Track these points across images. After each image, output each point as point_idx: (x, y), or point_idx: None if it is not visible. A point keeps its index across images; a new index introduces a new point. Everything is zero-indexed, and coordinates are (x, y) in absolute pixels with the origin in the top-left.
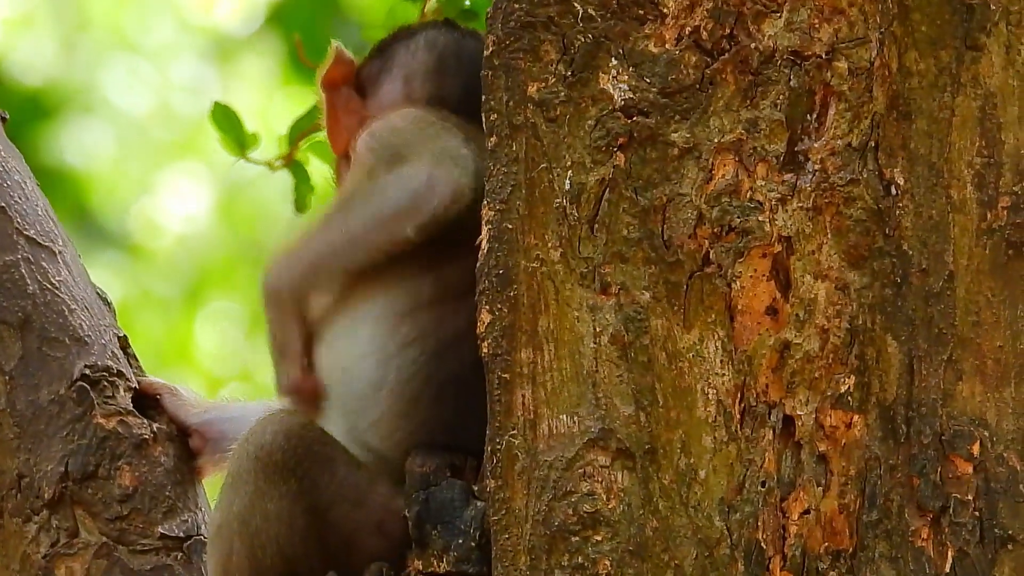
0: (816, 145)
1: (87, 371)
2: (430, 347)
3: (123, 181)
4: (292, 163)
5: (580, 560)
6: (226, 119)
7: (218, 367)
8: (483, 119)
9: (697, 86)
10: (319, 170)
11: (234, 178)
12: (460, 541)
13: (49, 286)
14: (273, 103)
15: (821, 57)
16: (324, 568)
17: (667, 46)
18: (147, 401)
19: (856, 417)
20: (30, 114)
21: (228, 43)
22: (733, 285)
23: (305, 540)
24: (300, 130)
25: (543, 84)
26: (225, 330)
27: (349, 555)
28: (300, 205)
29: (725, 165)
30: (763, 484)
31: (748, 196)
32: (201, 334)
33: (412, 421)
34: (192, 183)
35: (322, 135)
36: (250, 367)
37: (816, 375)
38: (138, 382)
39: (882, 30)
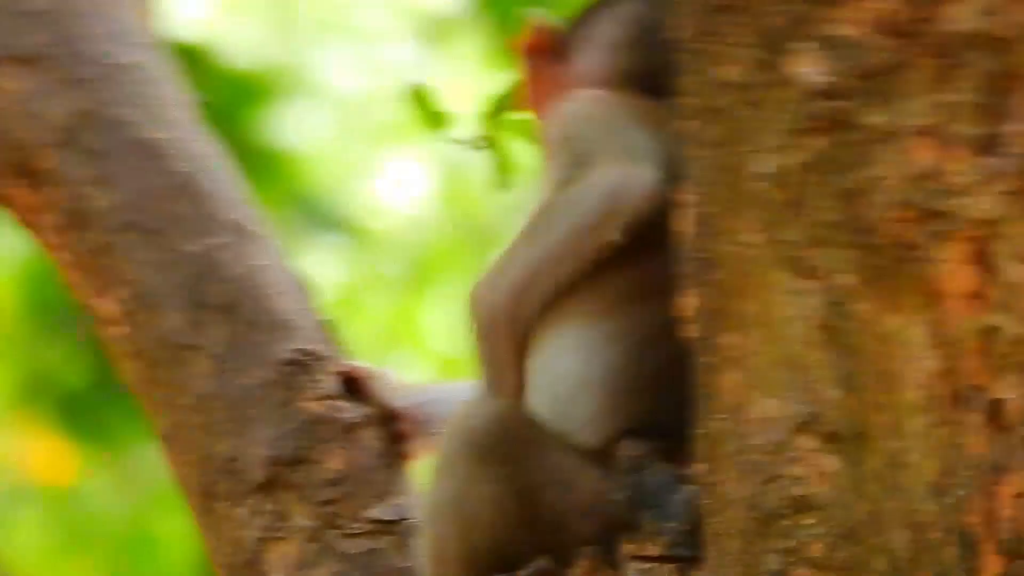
0: (1017, 128)
1: (294, 355)
2: (635, 341)
3: (341, 163)
4: (492, 142)
5: (791, 543)
6: (423, 99)
7: (444, 347)
8: (681, 103)
9: (893, 69)
10: (521, 151)
11: (457, 158)
12: (671, 525)
13: (253, 269)
14: (487, 84)
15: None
16: (533, 551)
17: (863, 28)
18: (354, 385)
19: None
20: (244, 98)
21: (444, 24)
22: (937, 269)
23: (515, 524)
24: (501, 108)
25: (741, 67)
26: (451, 310)
27: (558, 538)
28: (500, 183)
29: (925, 148)
30: (973, 468)
31: (948, 179)
32: (427, 315)
33: (620, 414)
34: (414, 164)
35: (522, 114)
36: None
37: None
38: (344, 367)
39: None
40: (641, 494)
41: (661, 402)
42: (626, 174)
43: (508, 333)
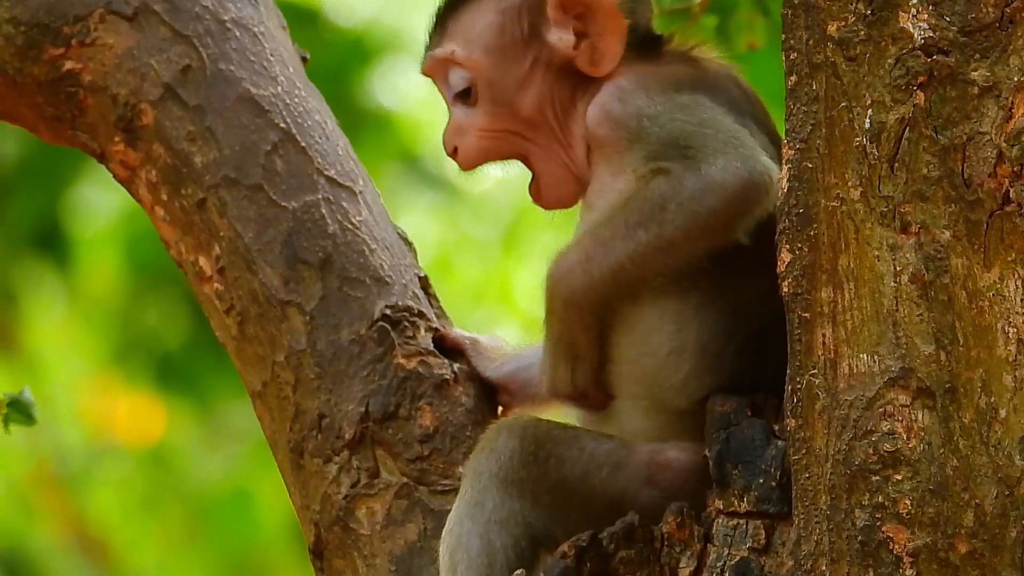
0: None
1: (388, 311)
2: (728, 308)
3: (441, 124)
4: None
5: (880, 499)
6: None
7: (536, 308)
8: (783, 58)
9: (997, 24)
10: None
11: None
12: (761, 480)
13: (350, 226)
14: None
15: None
16: (583, 530)
17: None
18: (446, 343)
19: None
20: (352, 58)
21: None
22: None
23: (552, 513)
24: None
25: (843, 23)
26: (540, 271)
27: (623, 512)
28: None
29: None
30: None
31: None
32: (519, 275)
33: (714, 378)
34: None
35: None
36: None
37: None
38: (439, 336)
39: None
40: (731, 449)
41: (758, 363)
42: (750, 168)
43: (591, 320)
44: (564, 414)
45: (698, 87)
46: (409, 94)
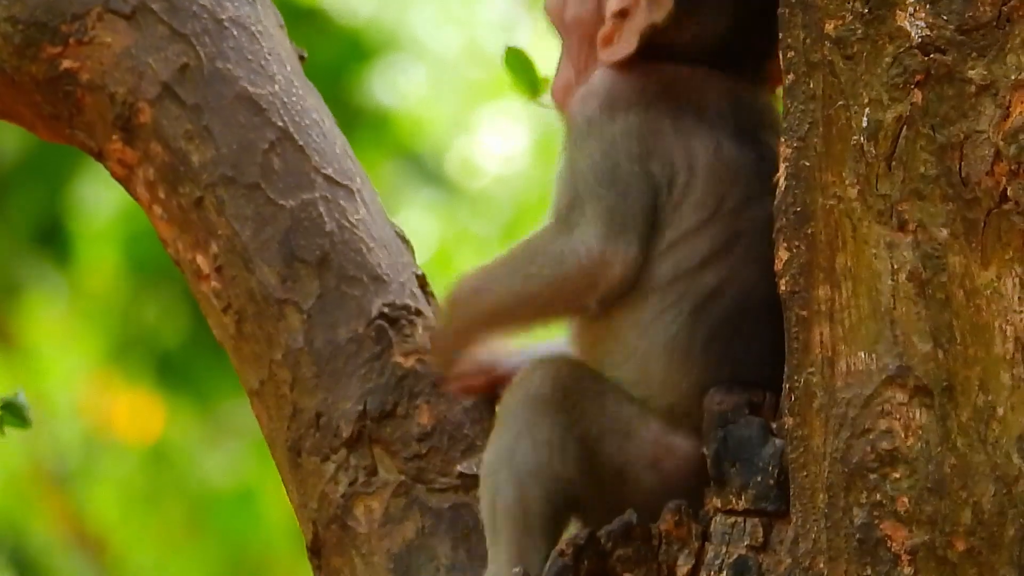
0: None
1: (385, 309)
2: (688, 305)
3: (439, 121)
4: None
5: (878, 497)
6: (518, 63)
7: None
8: (780, 56)
9: (994, 23)
10: None
11: (550, 117)
12: (759, 479)
13: (347, 224)
14: None
15: None
16: (597, 500)
17: None
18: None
19: None
20: (350, 56)
21: None
22: None
23: (577, 467)
24: None
25: (840, 22)
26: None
27: (623, 489)
28: None
29: (1023, 102)
30: None
31: None
32: None
33: (689, 373)
34: (508, 122)
35: None
36: None
37: None
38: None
39: None
40: (728, 447)
41: (735, 355)
42: (606, 252)
43: (468, 343)
44: None
45: (663, 122)
46: (408, 91)
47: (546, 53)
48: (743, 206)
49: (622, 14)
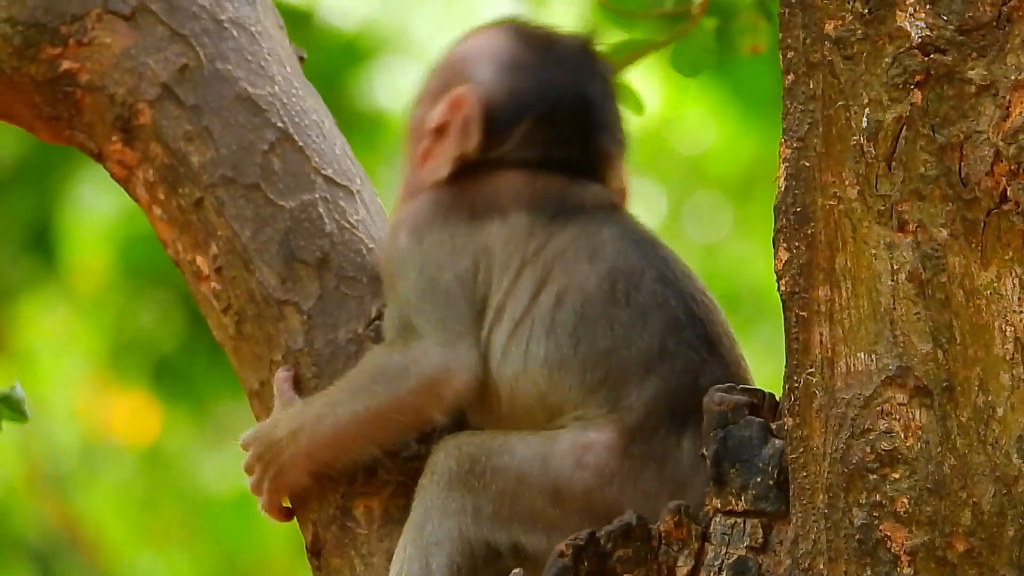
0: None
1: (384, 310)
2: (540, 328)
3: None
4: None
5: (878, 498)
6: None
7: None
8: (780, 57)
9: (994, 23)
10: None
11: None
12: (758, 479)
13: (347, 225)
14: None
15: None
16: (531, 536)
17: None
18: None
19: None
20: (345, 59)
21: None
22: None
23: (495, 523)
24: None
25: (840, 22)
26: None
27: (565, 505)
28: None
29: (1022, 102)
30: None
31: None
32: None
33: (571, 372)
34: None
35: (623, 75)
36: None
37: None
38: None
39: None
40: (728, 448)
41: (596, 342)
42: (449, 358)
43: (308, 478)
44: None
45: (471, 225)
46: (404, 94)
47: None
48: (547, 243)
49: (439, 130)
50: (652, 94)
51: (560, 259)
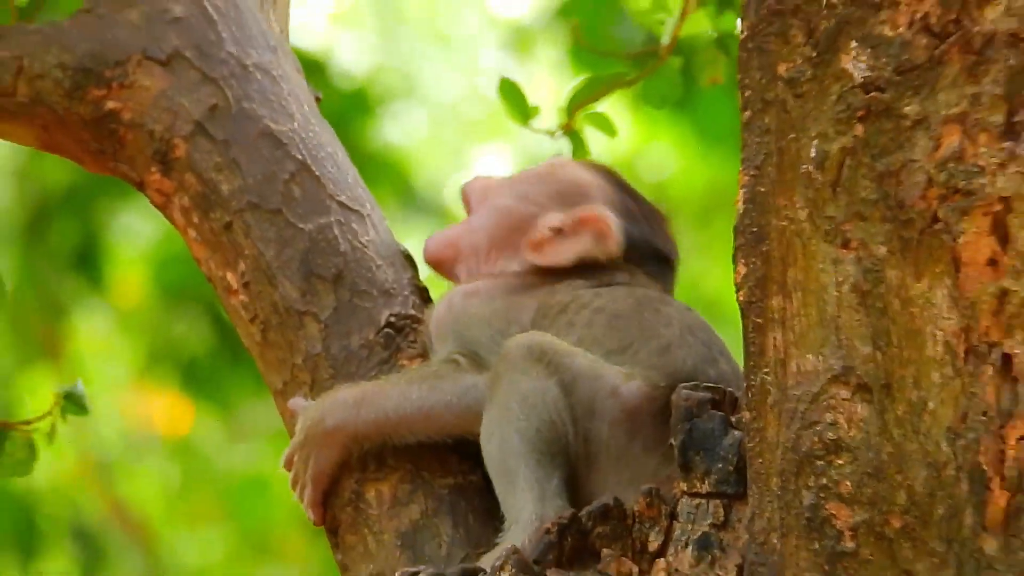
0: None
1: (392, 319)
2: (580, 328)
3: (438, 158)
4: (570, 131)
5: (824, 481)
6: (511, 93)
7: None
8: (739, 95)
9: (927, 65)
10: (593, 137)
11: (534, 152)
12: (720, 465)
13: (359, 245)
14: (562, 84)
15: None
16: (575, 436)
17: (900, 30)
18: None
19: None
20: (357, 102)
21: (525, 33)
22: (958, 240)
23: (555, 406)
24: (577, 103)
25: (791, 64)
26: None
27: (592, 423)
28: None
29: (951, 135)
30: (984, 414)
31: (971, 162)
32: None
33: (597, 350)
34: (500, 159)
35: (595, 107)
36: None
37: None
38: None
39: None
40: (693, 438)
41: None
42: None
43: (338, 452)
44: None
45: (525, 292)
46: (407, 133)
47: (531, 92)
48: (593, 295)
49: (557, 230)
50: (623, 125)
51: (598, 296)
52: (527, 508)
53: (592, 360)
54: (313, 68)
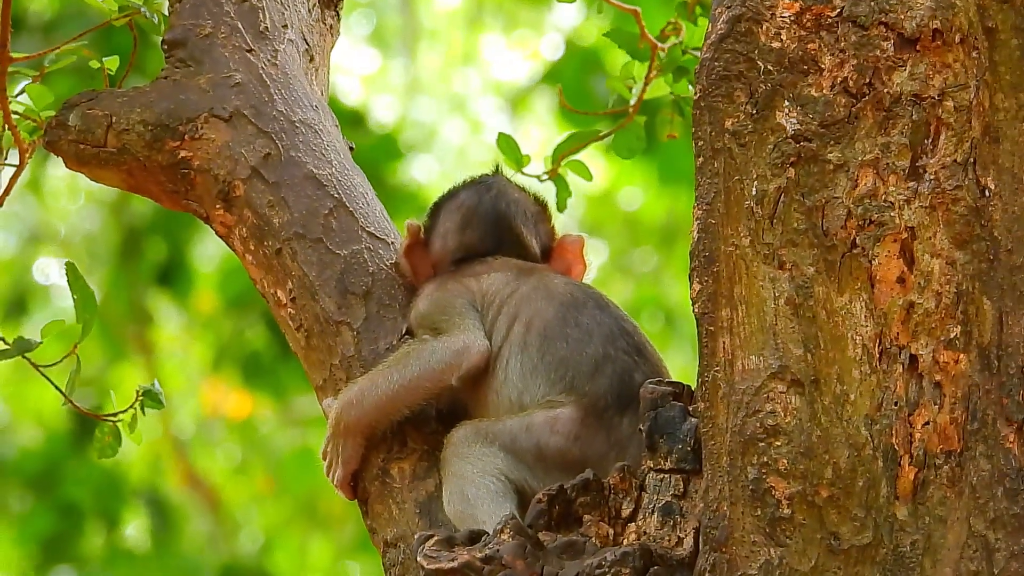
0: (932, 161)
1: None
2: (516, 347)
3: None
4: (555, 176)
5: (765, 459)
6: (507, 144)
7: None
8: (693, 145)
9: (846, 119)
10: (574, 182)
11: (530, 187)
12: (680, 447)
13: (384, 267)
14: (549, 137)
15: (934, 98)
16: (532, 476)
17: (824, 91)
18: None
19: (962, 355)
20: (385, 147)
21: (519, 93)
22: (873, 262)
23: (508, 466)
24: (561, 152)
25: (736, 120)
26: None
27: (544, 459)
28: (560, 206)
29: (866, 176)
30: (895, 404)
31: (883, 198)
32: None
33: (539, 376)
34: None
35: (577, 156)
36: None
37: (933, 326)
38: None
39: (978, 79)
40: (658, 424)
41: (558, 355)
42: (467, 340)
43: (361, 440)
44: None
45: (461, 279)
46: (427, 175)
47: (524, 140)
48: (516, 290)
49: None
50: (600, 169)
51: (525, 300)
52: (489, 523)
53: (518, 417)
54: (352, 119)
